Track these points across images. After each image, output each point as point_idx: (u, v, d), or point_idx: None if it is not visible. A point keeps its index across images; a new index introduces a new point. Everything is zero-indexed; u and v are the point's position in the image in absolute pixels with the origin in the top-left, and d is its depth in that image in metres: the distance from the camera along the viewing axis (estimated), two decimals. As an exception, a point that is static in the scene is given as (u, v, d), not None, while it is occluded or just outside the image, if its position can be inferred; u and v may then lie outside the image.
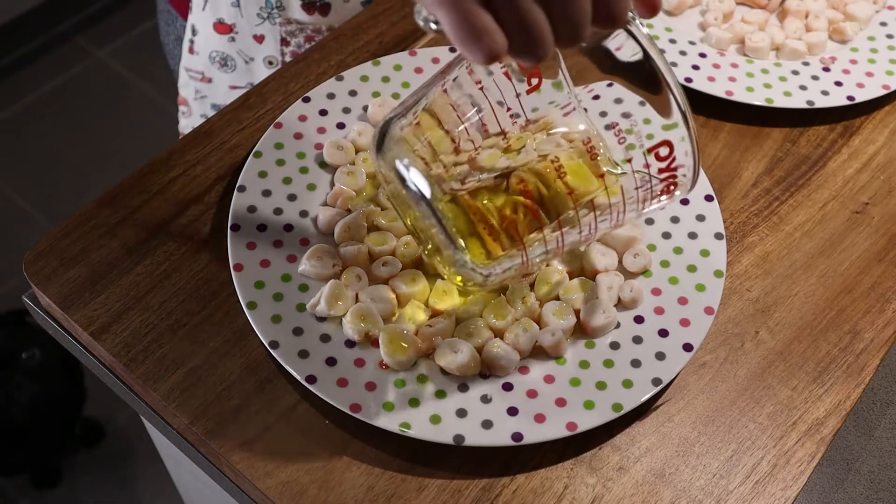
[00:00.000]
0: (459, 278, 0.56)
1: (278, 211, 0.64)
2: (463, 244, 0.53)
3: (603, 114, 0.56)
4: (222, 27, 0.90)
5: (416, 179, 0.53)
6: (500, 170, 0.55)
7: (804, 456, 0.58)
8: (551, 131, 0.58)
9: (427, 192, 0.52)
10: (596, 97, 0.55)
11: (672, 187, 0.54)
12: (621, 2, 0.45)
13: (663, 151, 0.52)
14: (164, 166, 0.68)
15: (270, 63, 0.91)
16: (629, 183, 0.54)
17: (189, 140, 0.70)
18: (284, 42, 0.90)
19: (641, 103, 0.52)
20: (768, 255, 0.67)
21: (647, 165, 0.52)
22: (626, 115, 0.54)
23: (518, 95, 0.53)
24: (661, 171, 0.52)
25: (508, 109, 0.54)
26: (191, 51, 0.94)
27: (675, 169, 0.52)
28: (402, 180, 0.53)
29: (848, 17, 0.80)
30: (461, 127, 0.54)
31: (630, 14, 0.48)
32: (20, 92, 2.08)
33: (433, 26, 0.46)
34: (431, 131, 0.54)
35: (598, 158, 0.54)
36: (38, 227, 1.84)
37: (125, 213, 0.66)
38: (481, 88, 0.53)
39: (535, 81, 0.54)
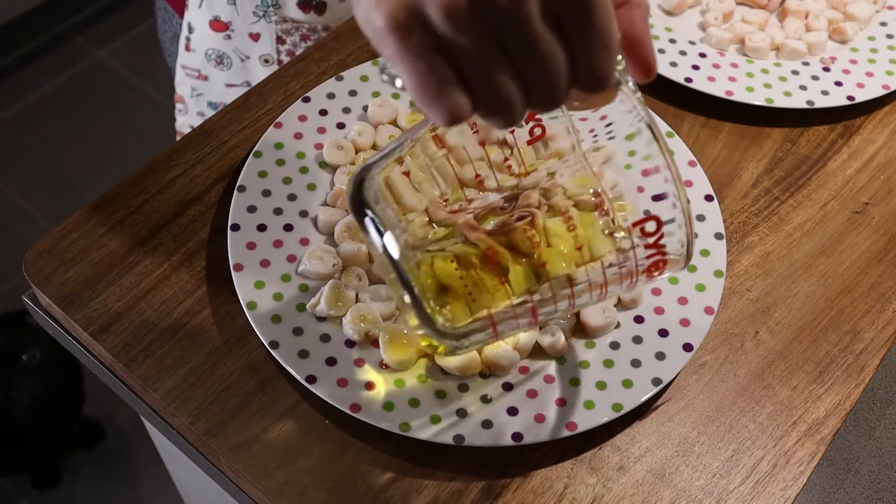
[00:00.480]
0: (426, 341, 0.52)
1: (278, 211, 0.64)
2: (430, 308, 0.49)
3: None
4: (218, 25, 0.90)
5: (388, 240, 0.48)
6: (508, 188, 0.52)
7: (804, 456, 0.58)
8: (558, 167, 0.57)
9: (395, 253, 0.48)
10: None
11: (661, 264, 0.49)
12: (603, 64, 0.40)
13: (650, 227, 0.47)
14: (164, 166, 0.68)
15: (266, 61, 0.92)
16: (609, 256, 0.50)
17: (189, 140, 0.70)
18: (280, 40, 0.90)
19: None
20: (768, 255, 0.67)
21: (631, 241, 0.49)
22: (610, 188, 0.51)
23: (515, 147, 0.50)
24: (647, 246, 0.48)
25: (506, 161, 0.51)
26: (187, 48, 0.95)
27: (663, 246, 0.48)
28: (369, 234, 0.49)
29: (848, 17, 0.80)
30: (450, 177, 0.50)
31: (618, 76, 0.44)
32: (20, 92, 2.08)
33: (398, 83, 0.42)
34: (414, 177, 0.50)
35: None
36: (38, 227, 1.84)
37: (125, 213, 0.66)
38: (475, 132, 0.50)
39: (537, 132, 0.50)
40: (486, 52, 0.38)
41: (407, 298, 0.49)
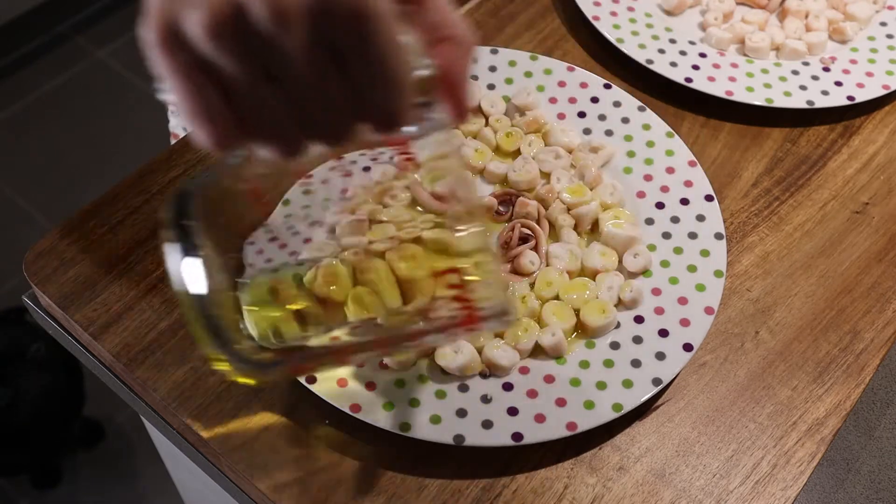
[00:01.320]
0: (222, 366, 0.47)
1: (278, 211, 0.64)
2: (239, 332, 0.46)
3: None
4: None
5: (193, 270, 0.43)
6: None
7: (804, 456, 0.58)
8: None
9: (198, 287, 0.43)
10: None
11: (475, 318, 0.45)
12: (389, 101, 0.37)
13: (452, 279, 0.44)
14: (164, 166, 0.68)
15: None
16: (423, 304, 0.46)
17: (189, 140, 0.70)
18: None
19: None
20: (768, 255, 0.67)
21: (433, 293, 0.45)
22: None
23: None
24: (454, 298, 0.44)
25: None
26: None
27: (469, 300, 0.44)
28: (169, 255, 0.44)
29: (848, 17, 0.80)
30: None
31: (428, 120, 0.41)
32: (20, 92, 2.08)
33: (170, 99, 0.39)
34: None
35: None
36: (38, 227, 1.84)
37: (125, 213, 0.66)
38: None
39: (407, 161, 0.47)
40: (250, 78, 0.35)
41: (198, 321, 0.44)
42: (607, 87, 0.73)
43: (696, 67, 0.75)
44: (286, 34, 0.34)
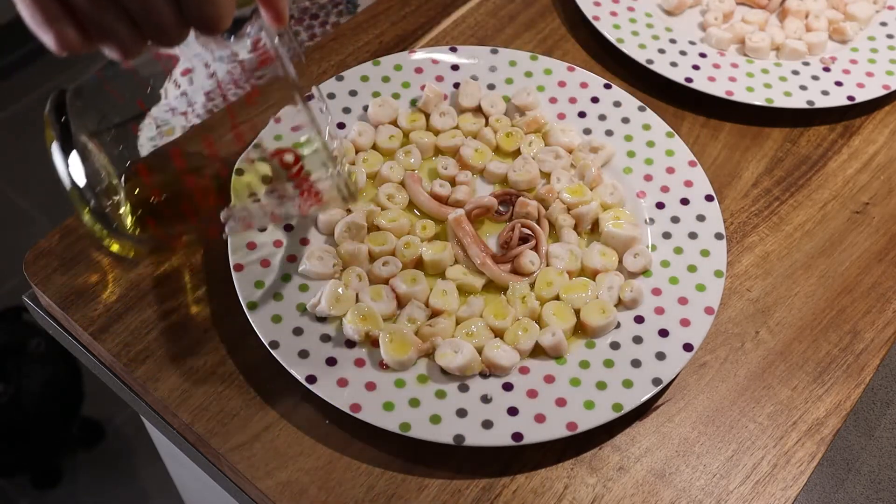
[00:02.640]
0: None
1: (278, 211, 0.64)
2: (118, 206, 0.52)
3: None
4: None
5: (73, 162, 0.50)
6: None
7: (804, 456, 0.58)
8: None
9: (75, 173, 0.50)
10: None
11: (314, 194, 0.50)
12: (208, 8, 0.43)
13: (288, 158, 0.49)
14: (164, 166, 0.68)
15: None
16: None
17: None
18: None
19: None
20: (768, 255, 0.67)
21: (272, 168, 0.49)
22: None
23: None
24: (290, 177, 0.49)
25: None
26: None
27: (307, 178, 0.49)
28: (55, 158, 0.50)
29: (848, 17, 0.80)
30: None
31: (261, 28, 0.47)
32: (20, 92, 2.07)
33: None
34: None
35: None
36: (38, 227, 1.84)
37: (125, 213, 0.66)
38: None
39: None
40: None
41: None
42: (607, 87, 0.73)
43: (696, 67, 0.75)
44: None
